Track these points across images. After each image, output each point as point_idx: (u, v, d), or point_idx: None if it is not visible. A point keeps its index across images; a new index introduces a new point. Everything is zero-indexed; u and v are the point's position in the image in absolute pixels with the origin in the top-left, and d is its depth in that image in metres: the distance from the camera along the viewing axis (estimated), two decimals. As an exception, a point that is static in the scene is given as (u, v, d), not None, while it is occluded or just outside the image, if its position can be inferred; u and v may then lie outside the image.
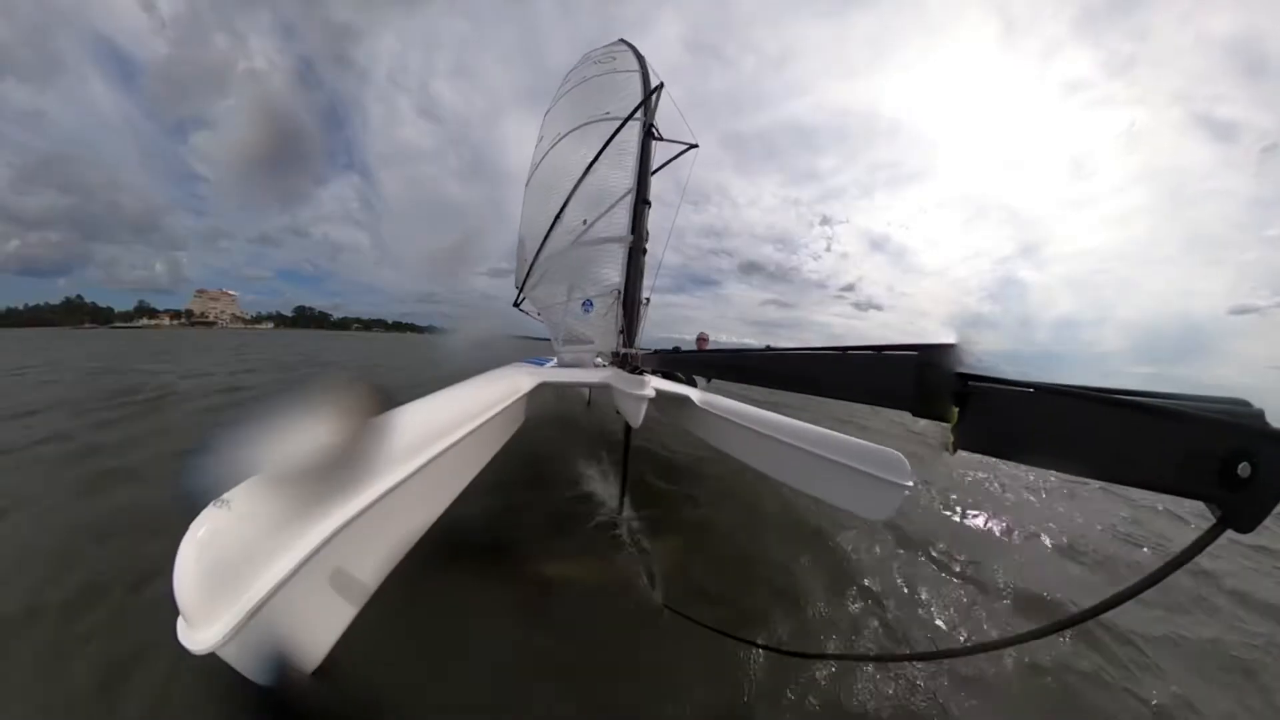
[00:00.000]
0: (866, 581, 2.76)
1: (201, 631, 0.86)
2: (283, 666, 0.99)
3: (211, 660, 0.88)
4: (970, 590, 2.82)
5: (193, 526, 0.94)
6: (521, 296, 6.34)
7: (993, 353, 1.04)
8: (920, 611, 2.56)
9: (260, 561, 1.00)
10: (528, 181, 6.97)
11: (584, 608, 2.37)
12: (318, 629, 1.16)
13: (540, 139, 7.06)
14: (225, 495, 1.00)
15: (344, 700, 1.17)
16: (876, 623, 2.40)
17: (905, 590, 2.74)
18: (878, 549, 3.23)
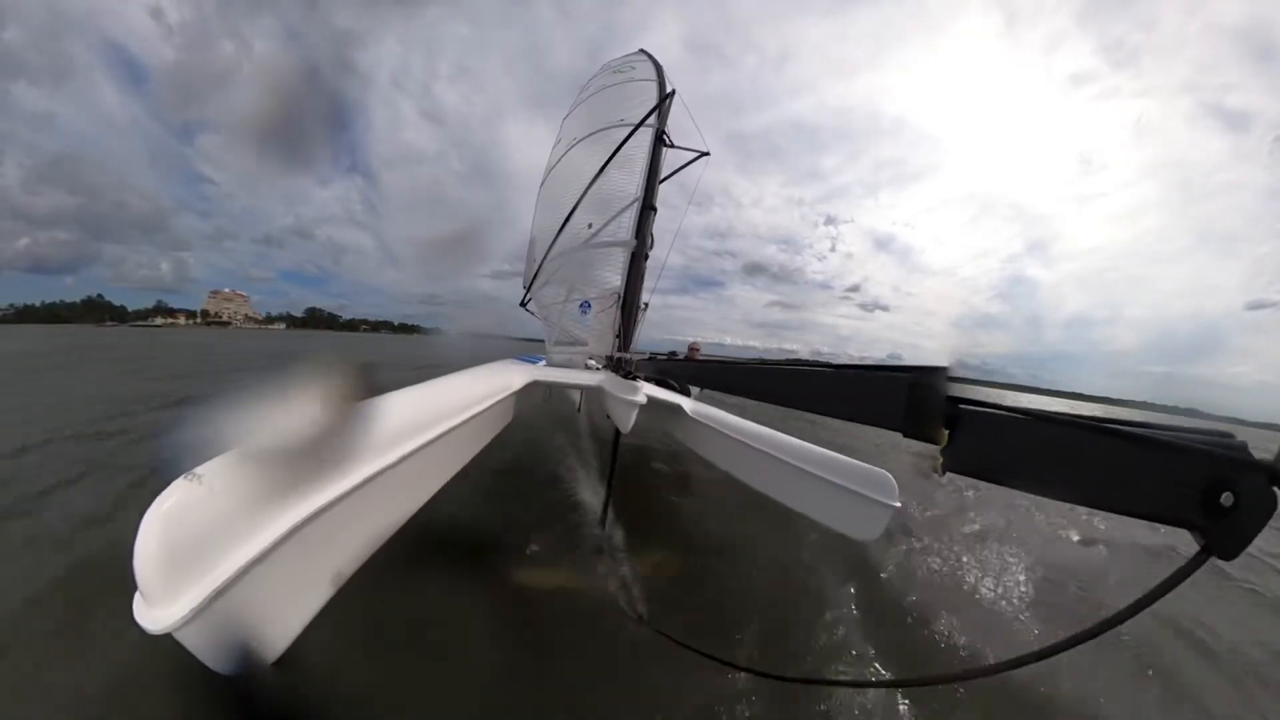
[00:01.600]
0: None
1: (159, 610, 0.82)
2: (243, 654, 0.95)
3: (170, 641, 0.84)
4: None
5: (159, 498, 0.89)
6: (528, 296, 6.36)
7: (1000, 355, 1.04)
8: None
9: (228, 541, 0.95)
10: (542, 183, 7.05)
11: (560, 618, 2.32)
12: (283, 618, 1.12)
13: (558, 142, 7.16)
14: (198, 469, 0.95)
15: (303, 694, 1.12)
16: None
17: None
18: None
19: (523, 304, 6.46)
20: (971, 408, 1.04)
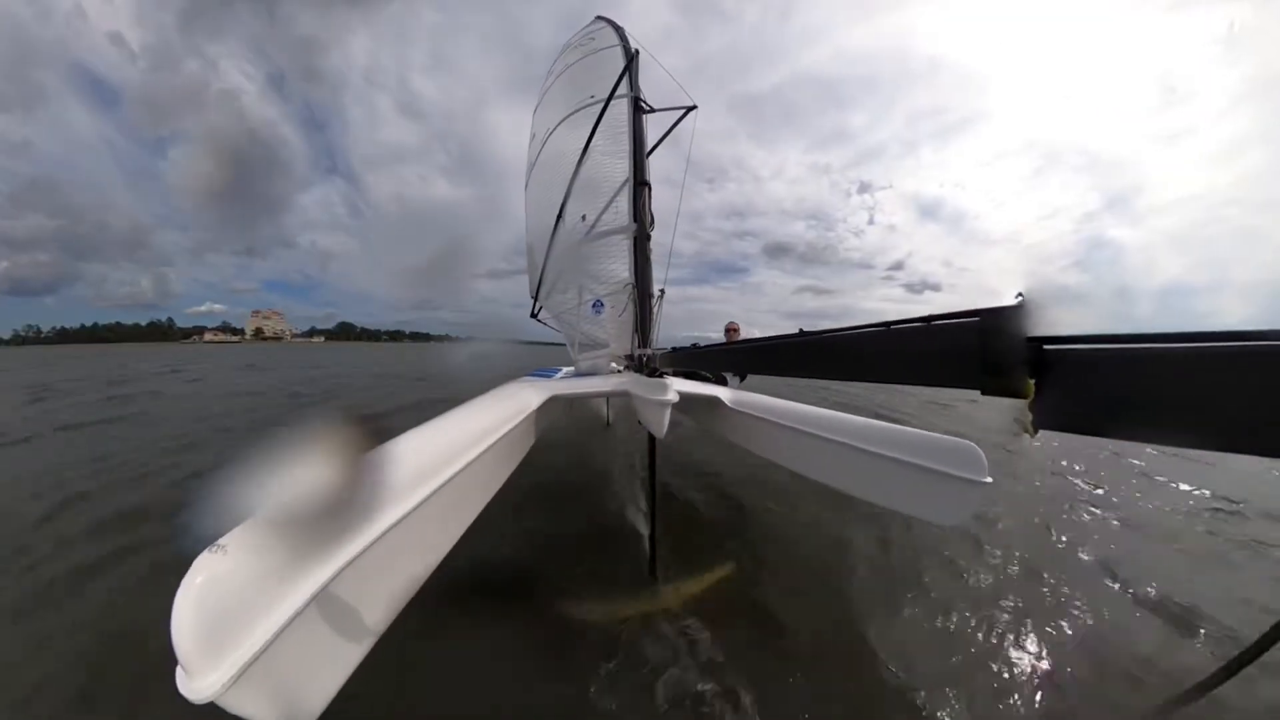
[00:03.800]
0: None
1: (200, 680, 0.84)
2: (287, 714, 0.98)
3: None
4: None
5: (189, 574, 0.91)
6: (538, 306, 6.26)
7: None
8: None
9: (260, 607, 0.98)
10: (526, 184, 6.87)
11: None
12: (323, 675, 1.14)
13: (533, 138, 6.92)
14: (221, 540, 0.98)
15: None
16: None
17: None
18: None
19: (533, 315, 6.36)
20: (1061, 346, 0.89)
